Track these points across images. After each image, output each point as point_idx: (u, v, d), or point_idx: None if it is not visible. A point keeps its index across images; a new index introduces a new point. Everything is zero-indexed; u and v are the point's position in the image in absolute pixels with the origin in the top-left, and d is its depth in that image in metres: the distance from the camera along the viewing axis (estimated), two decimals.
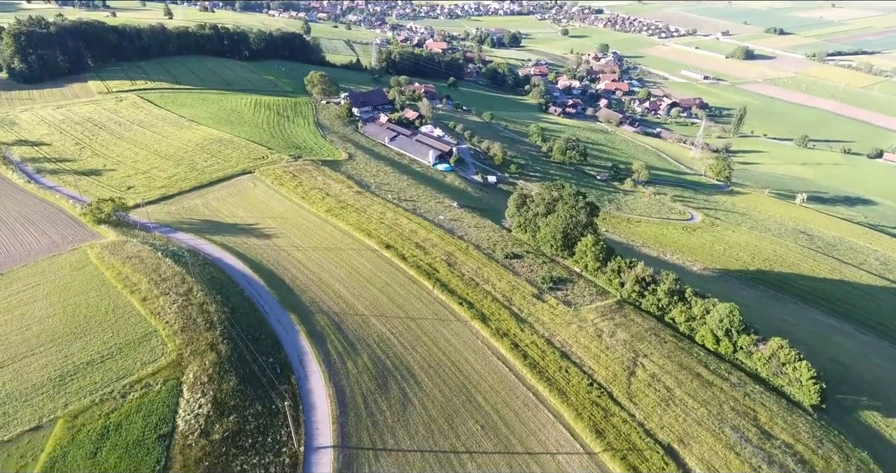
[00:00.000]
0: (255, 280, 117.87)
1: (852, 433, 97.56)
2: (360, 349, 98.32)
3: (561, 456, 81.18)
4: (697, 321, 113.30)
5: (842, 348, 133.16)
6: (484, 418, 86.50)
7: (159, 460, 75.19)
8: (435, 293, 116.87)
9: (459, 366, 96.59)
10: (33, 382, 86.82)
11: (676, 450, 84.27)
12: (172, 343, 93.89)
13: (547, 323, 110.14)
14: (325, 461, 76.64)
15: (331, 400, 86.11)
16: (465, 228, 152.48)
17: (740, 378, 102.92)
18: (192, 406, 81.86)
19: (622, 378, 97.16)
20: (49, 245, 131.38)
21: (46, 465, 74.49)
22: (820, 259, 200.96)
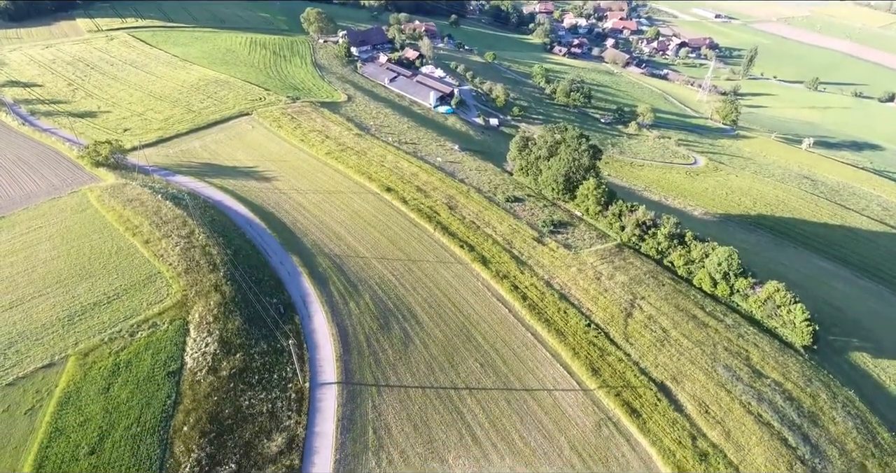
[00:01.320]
0: (256, 223, 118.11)
1: (841, 372, 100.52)
2: (362, 290, 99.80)
3: (557, 393, 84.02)
4: (696, 264, 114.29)
5: (837, 291, 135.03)
6: (483, 356, 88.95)
7: (170, 395, 77.98)
8: (436, 236, 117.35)
9: (460, 307, 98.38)
10: (43, 322, 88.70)
11: (669, 387, 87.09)
12: (177, 284, 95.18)
13: (547, 266, 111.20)
14: (330, 396, 79.45)
15: (334, 339, 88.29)
16: (466, 171, 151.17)
17: (735, 320, 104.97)
18: (200, 345, 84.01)
19: (619, 319, 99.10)
20: (48, 188, 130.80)
21: (61, 400, 77.34)
22: (822, 204, 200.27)
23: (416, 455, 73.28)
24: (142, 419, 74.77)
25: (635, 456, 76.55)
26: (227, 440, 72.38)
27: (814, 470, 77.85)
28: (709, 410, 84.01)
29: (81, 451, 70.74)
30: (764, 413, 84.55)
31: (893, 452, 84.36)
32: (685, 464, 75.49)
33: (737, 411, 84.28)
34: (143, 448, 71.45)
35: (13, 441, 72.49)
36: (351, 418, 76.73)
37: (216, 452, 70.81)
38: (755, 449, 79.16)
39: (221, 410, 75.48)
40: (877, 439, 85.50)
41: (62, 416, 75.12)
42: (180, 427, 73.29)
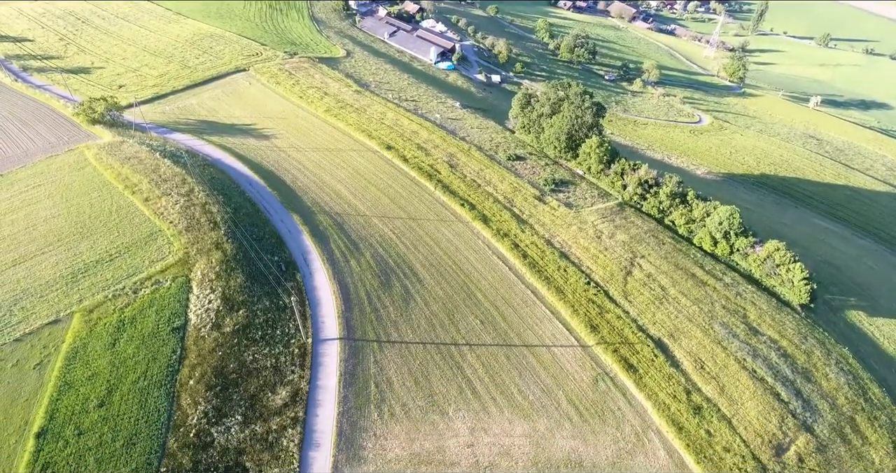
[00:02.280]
0: (255, 181, 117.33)
1: (836, 330, 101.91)
2: (363, 248, 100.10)
3: (556, 349, 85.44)
4: (697, 223, 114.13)
5: (837, 251, 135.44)
6: (483, 313, 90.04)
7: (175, 350, 79.37)
8: (437, 194, 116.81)
9: (460, 265, 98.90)
10: (46, 279, 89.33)
11: (666, 344, 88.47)
12: (178, 242, 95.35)
13: (547, 225, 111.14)
14: (332, 351, 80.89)
15: (335, 296, 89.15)
16: (467, 129, 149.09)
17: (734, 278, 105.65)
18: (203, 302, 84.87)
19: (619, 277, 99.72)
20: (45, 146, 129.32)
21: (69, 355, 78.76)
22: (826, 164, 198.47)
23: (417, 407, 75.18)
24: (148, 373, 76.36)
25: (631, 410, 78.52)
26: (232, 393, 74.11)
27: (804, 423, 79.95)
28: (704, 366, 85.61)
29: (91, 404, 72.57)
30: (758, 369, 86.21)
31: (883, 406, 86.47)
32: (679, 417, 77.48)
33: (732, 367, 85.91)
34: (151, 401, 73.26)
35: (24, 395, 74.26)
36: (353, 372, 78.32)
37: (222, 405, 72.63)
38: (748, 404, 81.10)
39: (226, 365, 76.97)
40: (867, 394, 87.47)
41: (70, 370, 76.68)
42: (186, 380, 74.92)
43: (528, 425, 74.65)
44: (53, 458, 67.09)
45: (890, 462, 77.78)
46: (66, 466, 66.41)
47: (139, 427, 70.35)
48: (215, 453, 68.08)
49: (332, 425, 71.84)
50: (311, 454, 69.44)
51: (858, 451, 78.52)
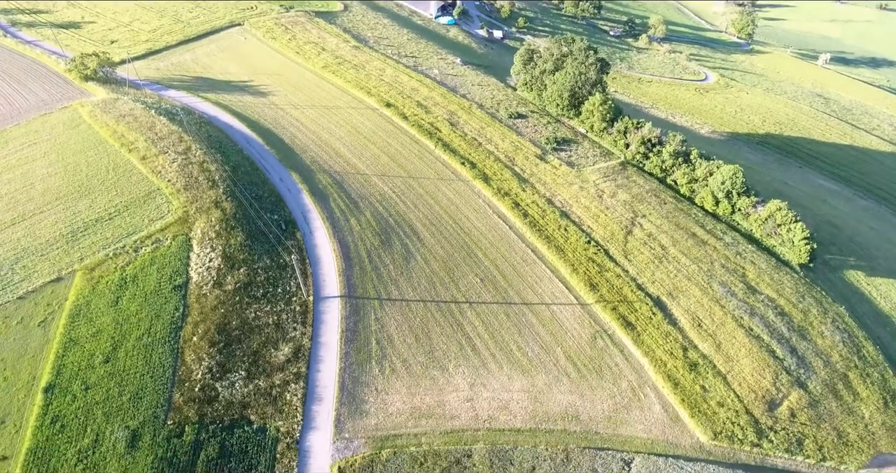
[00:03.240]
0: (253, 139, 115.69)
1: (834, 289, 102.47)
2: (363, 207, 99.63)
3: (555, 307, 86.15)
4: (699, 183, 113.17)
5: (838, 211, 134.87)
6: (483, 272, 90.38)
7: (177, 307, 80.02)
8: (437, 153, 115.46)
9: (461, 224, 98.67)
10: (47, 238, 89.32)
11: (665, 302, 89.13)
12: (177, 200, 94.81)
13: (549, 184, 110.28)
14: (333, 309, 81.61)
15: (336, 255, 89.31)
16: (468, 86, 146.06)
17: (734, 238, 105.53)
18: (203, 260, 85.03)
19: (619, 236, 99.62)
20: (38, 103, 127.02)
21: (72, 312, 79.48)
22: (832, 123, 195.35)
23: (418, 363, 76.39)
24: (152, 330, 77.23)
25: (628, 366, 79.78)
26: (235, 349, 75.15)
27: (798, 380, 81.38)
28: (702, 324, 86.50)
29: (96, 360, 73.70)
30: (755, 327, 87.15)
31: (876, 363, 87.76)
32: (675, 373, 78.80)
33: (729, 325, 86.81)
34: (156, 356, 74.35)
35: (30, 351, 75.33)
36: (354, 329, 79.23)
37: (226, 360, 73.75)
38: (743, 360, 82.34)
39: (228, 322, 77.76)
40: (861, 352, 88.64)
41: (74, 328, 77.56)
42: (190, 337, 75.84)
43: (527, 380, 76.03)
44: (62, 412, 68.62)
45: (879, 416, 79.51)
46: (75, 419, 67.98)
47: (145, 382, 71.66)
48: (220, 407, 69.56)
49: (334, 380, 73.15)
50: (314, 407, 70.99)
51: (849, 407, 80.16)
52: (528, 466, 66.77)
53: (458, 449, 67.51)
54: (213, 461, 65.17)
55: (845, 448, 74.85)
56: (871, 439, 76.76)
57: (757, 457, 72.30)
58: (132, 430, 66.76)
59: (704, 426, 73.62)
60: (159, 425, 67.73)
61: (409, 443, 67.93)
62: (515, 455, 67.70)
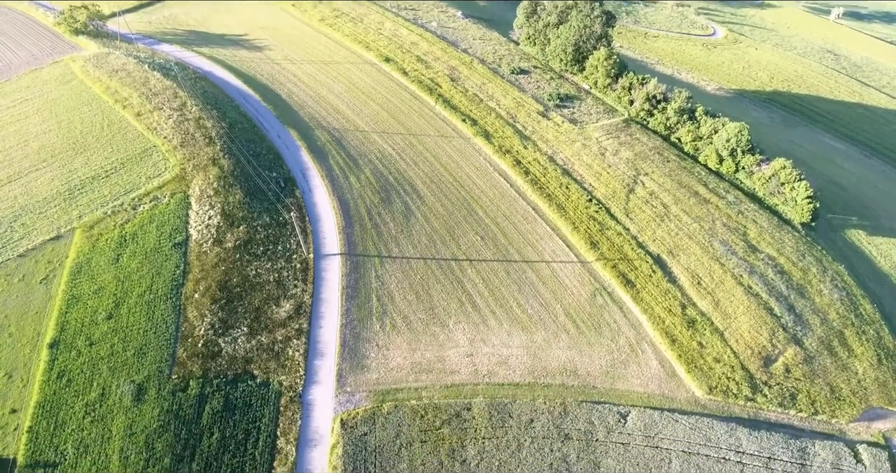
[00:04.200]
0: (250, 95, 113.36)
1: (834, 248, 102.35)
2: (363, 164, 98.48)
3: (556, 264, 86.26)
4: (704, 140, 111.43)
5: (843, 170, 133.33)
6: (484, 230, 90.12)
7: (178, 265, 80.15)
8: (437, 109, 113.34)
9: (461, 182, 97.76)
10: (44, 196, 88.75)
11: (665, 260, 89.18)
12: (174, 157, 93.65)
13: (551, 141, 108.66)
14: (334, 266, 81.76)
15: (336, 213, 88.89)
16: (469, 41, 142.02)
17: (737, 196, 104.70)
18: (203, 218, 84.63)
19: (621, 194, 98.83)
20: (28, 58, 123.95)
21: (73, 270, 79.68)
22: (842, 80, 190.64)
23: (419, 320, 77.06)
24: (153, 287, 77.58)
25: (626, 323, 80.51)
26: (237, 306, 75.67)
27: (794, 337, 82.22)
28: (701, 282, 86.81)
29: (99, 316, 74.33)
30: (754, 285, 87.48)
31: (872, 321, 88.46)
32: (673, 330, 79.58)
33: (728, 283, 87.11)
34: (158, 313, 74.94)
35: (33, 308, 75.89)
36: (355, 286, 79.58)
37: (228, 317, 74.37)
38: (741, 318, 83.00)
39: (229, 279, 78.02)
40: (858, 310, 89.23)
41: (76, 285, 77.92)
42: (191, 294, 76.23)
43: (526, 337, 76.87)
44: (68, 367, 69.68)
45: (873, 372, 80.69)
46: (81, 374, 69.10)
47: (148, 337, 72.46)
48: (224, 361, 70.57)
49: (336, 336, 73.97)
50: (316, 363, 72.04)
51: (844, 363, 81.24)
52: (527, 419, 68.21)
53: (458, 403, 68.88)
54: (218, 414, 66.57)
55: (837, 403, 76.27)
56: (863, 394, 78.12)
57: (750, 411, 73.79)
58: (137, 384, 67.93)
59: (700, 381, 74.85)
60: (164, 379, 68.88)
61: (410, 397, 69.25)
62: (514, 409, 69.09)
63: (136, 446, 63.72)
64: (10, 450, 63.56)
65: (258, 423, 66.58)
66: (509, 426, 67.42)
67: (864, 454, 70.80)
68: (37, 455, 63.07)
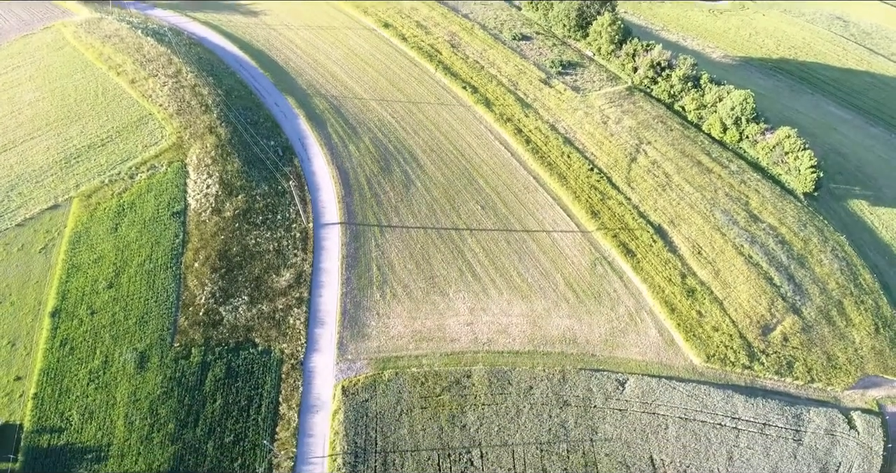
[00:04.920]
0: (246, 61, 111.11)
1: (836, 218, 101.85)
2: (362, 132, 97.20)
3: (556, 234, 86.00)
4: (708, 109, 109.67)
5: (848, 139, 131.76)
6: (484, 199, 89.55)
7: (177, 234, 79.87)
8: (437, 76, 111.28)
9: (461, 150, 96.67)
10: (40, 164, 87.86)
11: (666, 230, 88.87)
12: (170, 126, 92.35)
13: (552, 109, 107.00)
14: (333, 235, 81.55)
15: (335, 181, 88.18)
16: (470, 6, 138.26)
17: (740, 166, 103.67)
18: (201, 187, 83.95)
19: (623, 164, 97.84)
20: (18, 24, 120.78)
21: (72, 239, 79.46)
22: (850, 48, 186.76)
23: (419, 289, 77.24)
24: (153, 256, 77.49)
25: (626, 292, 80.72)
26: (237, 275, 75.73)
27: (793, 306, 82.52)
28: (702, 251, 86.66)
29: (100, 285, 74.47)
30: (754, 255, 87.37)
31: (871, 291, 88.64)
32: (672, 299, 79.83)
33: (728, 252, 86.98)
34: (158, 282, 75.05)
35: (34, 277, 75.95)
36: (355, 256, 79.52)
37: (228, 286, 74.53)
38: (741, 287, 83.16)
39: (229, 248, 77.87)
40: (858, 279, 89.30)
41: (76, 254, 77.84)
42: (191, 263, 76.19)
43: (526, 305, 77.16)
44: (70, 335, 70.18)
45: (870, 341, 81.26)
46: (84, 342, 69.64)
47: (149, 306, 72.75)
48: (225, 330, 71.04)
49: (336, 305, 74.28)
50: (316, 331, 72.54)
51: (841, 332, 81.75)
52: (526, 386, 69.03)
53: (458, 370, 69.62)
54: (221, 380, 67.36)
55: (833, 371, 77.08)
56: (859, 362, 78.86)
57: (747, 379, 74.68)
58: (140, 352, 68.54)
59: (698, 349, 75.48)
60: (166, 347, 69.46)
61: (411, 364, 69.97)
62: (513, 376, 69.87)
63: (140, 412, 64.72)
64: (16, 416, 64.54)
65: (260, 390, 67.46)
66: (509, 393, 68.29)
67: (858, 420, 71.90)
68: (43, 421, 64.11)
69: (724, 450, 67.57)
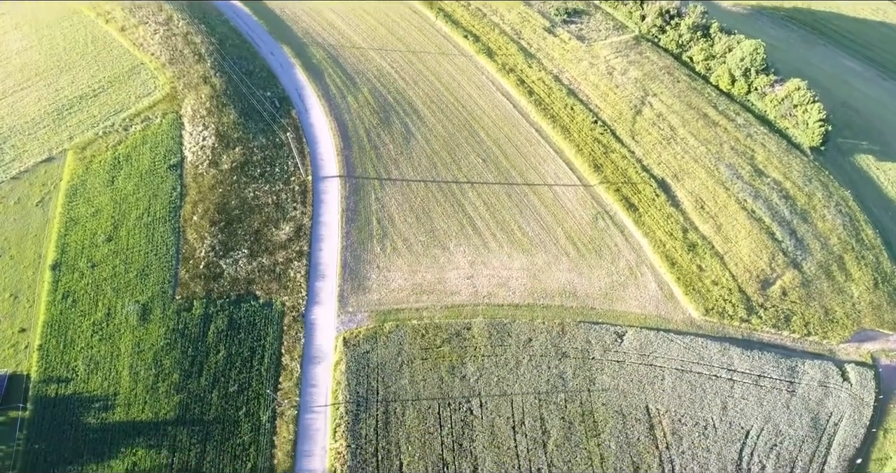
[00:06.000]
0: (239, 8, 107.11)
1: (842, 173, 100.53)
2: (360, 83, 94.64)
3: (558, 188, 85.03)
4: (717, 59, 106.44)
5: (859, 93, 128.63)
6: (486, 152, 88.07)
7: (175, 187, 78.95)
8: (438, 25, 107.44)
9: (463, 102, 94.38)
10: (32, 116, 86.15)
11: (669, 184, 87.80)
12: (163, 75, 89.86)
13: (556, 59, 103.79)
14: (333, 189, 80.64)
15: (333, 134, 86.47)
16: None
17: (746, 119, 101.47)
18: (197, 139, 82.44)
19: (628, 116, 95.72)
20: None
21: (69, 192, 78.65)
22: None
23: (419, 242, 76.97)
24: (151, 209, 76.87)
25: (627, 246, 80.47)
26: (236, 228, 75.32)
27: (794, 261, 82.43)
28: (704, 206, 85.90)
29: (99, 238, 74.20)
30: (757, 210, 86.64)
31: (872, 246, 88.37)
32: (673, 253, 79.66)
33: (731, 207, 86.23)
34: (158, 235, 74.71)
35: (32, 230, 75.60)
36: (355, 209, 78.90)
37: (228, 239, 74.23)
38: (742, 242, 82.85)
39: (227, 201, 77.13)
40: (860, 235, 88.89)
41: (73, 207, 77.23)
42: (190, 216, 75.65)
43: (527, 259, 77.08)
44: (72, 288, 70.41)
45: (868, 296, 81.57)
46: (86, 295, 69.96)
47: (150, 259, 72.68)
48: (226, 283, 71.20)
49: (336, 258, 74.21)
50: (317, 284, 72.72)
51: (840, 286, 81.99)
52: (525, 338, 69.75)
53: (458, 323, 70.19)
54: (223, 332, 68.00)
55: (830, 325, 77.75)
56: (856, 316, 79.43)
57: (744, 332, 75.41)
58: (142, 304, 68.93)
59: (697, 302, 75.87)
60: (168, 300, 69.80)
61: (411, 317, 70.51)
62: (513, 328, 70.49)
63: (144, 362, 65.63)
64: (22, 367, 65.55)
65: (263, 341, 68.20)
66: (508, 345, 69.07)
67: (852, 372, 73.01)
68: (49, 372, 65.13)
69: (719, 400, 68.91)
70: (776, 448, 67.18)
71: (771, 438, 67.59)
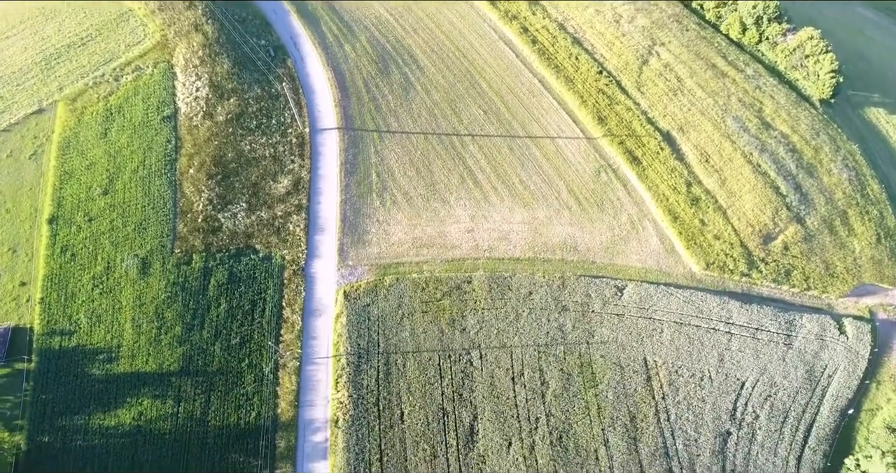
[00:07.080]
0: None
1: (851, 127, 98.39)
2: (358, 31, 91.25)
3: (561, 140, 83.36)
4: (728, 6, 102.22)
5: (874, 43, 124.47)
6: (487, 103, 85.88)
7: (169, 139, 77.39)
8: None
9: (464, 51, 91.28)
10: (19, 66, 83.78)
11: (674, 137, 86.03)
12: (153, 23, 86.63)
13: (561, 7, 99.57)
14: (331, 141, 79.08)
15: (331, 84, 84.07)
16: None
17: (756, 70, 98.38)
18: (190, 89, 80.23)
19: (634, 66, 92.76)
20: None
21: (61, 144, 77.26)
22: None
23: (419, 196, 76.08)
24: (146, 162, 75.65)
25: (630, 200, 79.61)
26: (234, 181, 74.30)
27: (797, 216, 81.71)
28: (709, 159, 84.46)
29: (95, 192, 73.36)
30: (763, 164, 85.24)
31: (877, 201, 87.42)
32: (676, 207, 78.87)
33: (737, 161, 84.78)
34: (154, 189, 73.80)
35: (27, 184, 74.68)
36: (353, 162, 77.63)
37: (225, 192, 73.36)
38: (746, 196, 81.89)
39: (224, 154, 75.78)
40: (865, 190, 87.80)
41: (67, 160, 76.05)
42: (186, 169, 74.49)
43: (528, 213, 76.40)
44: (70, 242, 70.11)
45: (870, 251, 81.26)
46: (84, 248, 69.74)
47: (147, 213, 72.04)
48: (225, 236, 70.84)
49: (336, 212, 73.56)
50: (317, 237, 72.36)
51: (842, 241, 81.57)
52: (526, 291, 69.89)
53: (459, 276, 70.19)
54: (223, 285, 68.12)
55: (830, 279, 77.79)
56: (856, 271, 79.37)
57: (744, 286, 75.54)
58: (141, 258, 68.79)
59: (698, 257, 75.65)
60: (167, 253, 69.59)
61: (412, 270, 70.48)
62: (513, 282, 70.54)
63: (146, 315, 66.03)
64: (25, 320, 66.06)
65: (263, 295, 68.40)
66: (508, 298, 69.28)
67: (849, 326, 73.55)
68: (52, 324, 65.63)
69: (716, 353, 69.71)
70: (770, 398, 68.42)
71: (765, 389, 68.74)
